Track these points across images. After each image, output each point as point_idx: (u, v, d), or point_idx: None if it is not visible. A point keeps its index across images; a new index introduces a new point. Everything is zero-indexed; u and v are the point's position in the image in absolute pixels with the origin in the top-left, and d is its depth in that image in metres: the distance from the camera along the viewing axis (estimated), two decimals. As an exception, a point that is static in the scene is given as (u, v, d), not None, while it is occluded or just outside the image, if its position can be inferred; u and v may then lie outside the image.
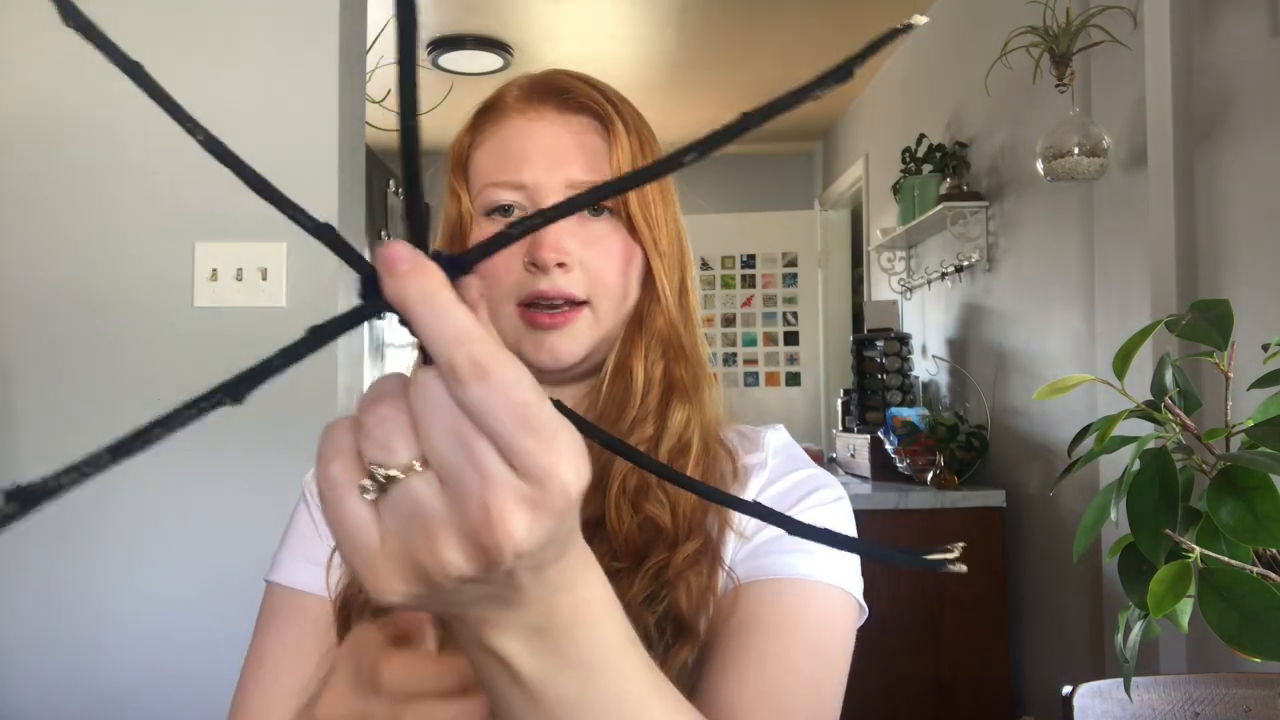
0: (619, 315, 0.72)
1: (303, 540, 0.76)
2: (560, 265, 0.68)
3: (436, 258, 0.29)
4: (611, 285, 0.71)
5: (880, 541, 0.33)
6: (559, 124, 0.72)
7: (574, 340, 0.70)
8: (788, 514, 0.66)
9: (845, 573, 0.67)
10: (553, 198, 0.70)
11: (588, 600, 0.36)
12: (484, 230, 0.71)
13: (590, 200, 0.30)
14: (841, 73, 0.29)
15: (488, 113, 0.75)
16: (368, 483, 0.29)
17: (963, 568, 0.30)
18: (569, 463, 0.29)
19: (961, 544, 0.30)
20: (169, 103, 0.30)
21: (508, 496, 0.28)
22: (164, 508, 1.61)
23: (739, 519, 0.70)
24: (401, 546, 0.30)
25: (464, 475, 0.28)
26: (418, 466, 0.29)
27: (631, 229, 0.72)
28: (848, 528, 0.72)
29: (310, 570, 0.74)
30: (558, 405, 0.30)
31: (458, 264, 0.30)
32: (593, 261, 0.70)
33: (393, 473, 0.29)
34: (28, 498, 0.28)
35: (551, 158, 0.70)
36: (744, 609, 0.65)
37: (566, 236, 0.69)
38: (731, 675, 0.60)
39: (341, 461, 0.30)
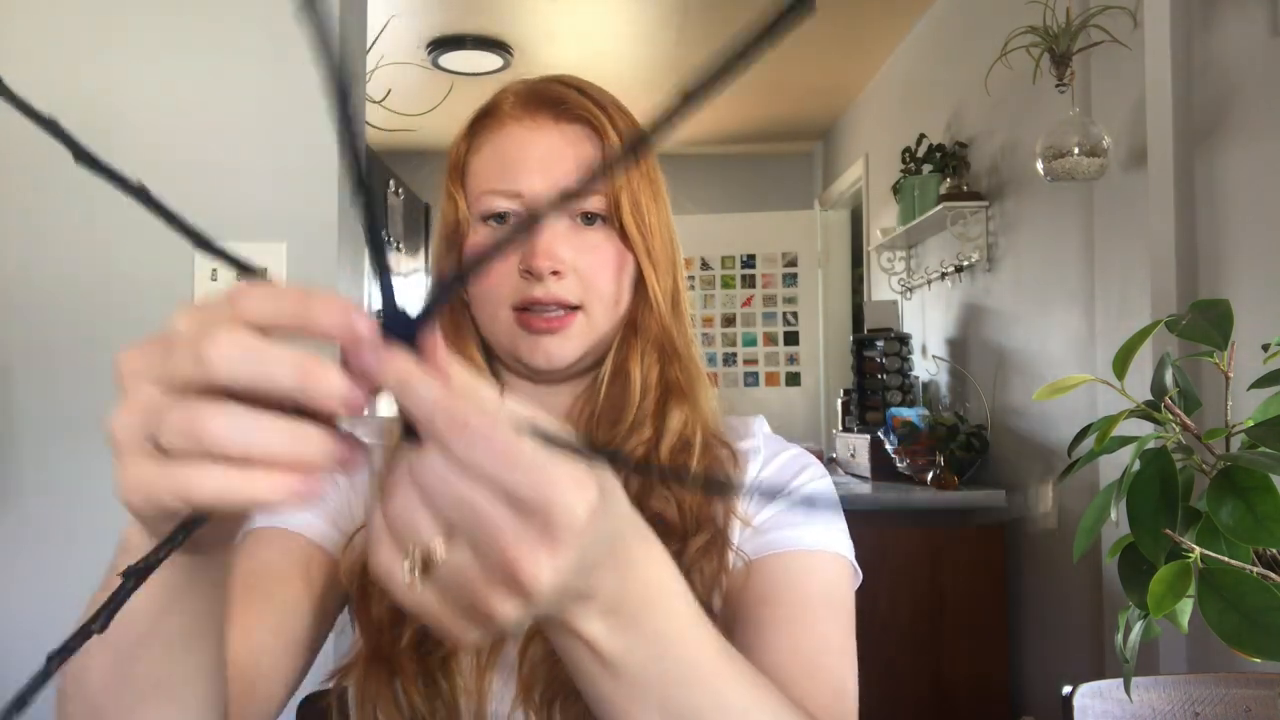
0: (612, 319, 0.74)
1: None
2: (555, 273, 0.70)
3: (393, 320, 0.31)
4: (604, 291, 0.73)
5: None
6: (555, 134, 0.73)
7: (567, 343, 0.72)
8: (786, 486, 0.76)
9: (839, 540, 0.74)
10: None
11: (651, 580, 0.40)
12: (479, 235, 0.73)
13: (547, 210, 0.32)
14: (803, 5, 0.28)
15: (484, 119, 0.76)
16: (409, 564, 0.32)
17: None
18: (568, 488, 0.31)
19: None
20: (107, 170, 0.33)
21: (522, 541, 0.31)
22: (164, 508, 1.61)
23: (744, 508, 0.74)
24: (458, 606, 0.33)
25: (480, 534, 0.31)
26: (440, 544, 0.32)
27: (624, 236, 0.73)
28: (834, 500, 0.79)
29: (304, 516, 0.70)
30: (544, 433, 0.32)
31: (415, 323, 0.31)
32: (586, 268, 0.72)
33: (429, 555, 0.32)
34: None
35: (548, 168, 0.72)
36: (758, 583, 0.69)
37: (560, 243, 0.71)
38: (768, 647, 0.65)
39: (385, 549, 0.33)
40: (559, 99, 0.74)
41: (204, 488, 0.30)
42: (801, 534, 0.71)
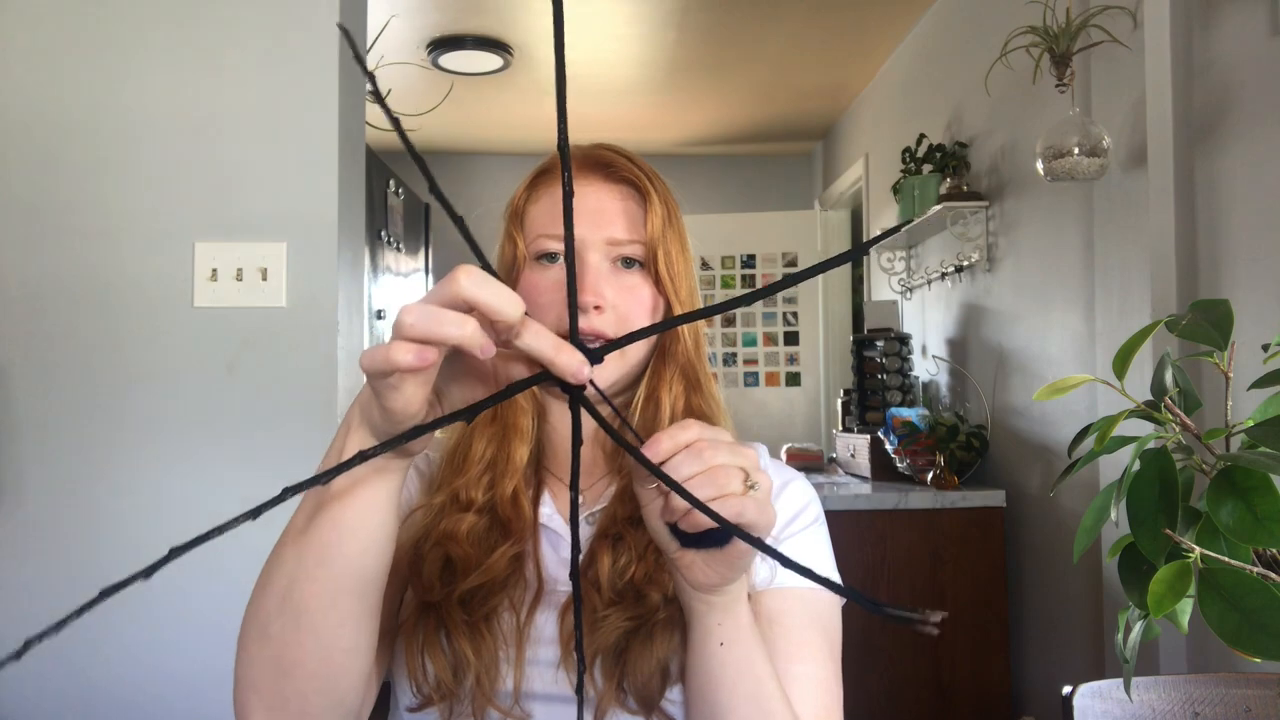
0: (641, 352, 0.84)
1: None
2: (597, 308, 0.80)
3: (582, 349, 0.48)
4: (637, 328, 0.82)
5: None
6: (604, 190, 0.84)
7: (603, 369, 0.81)
8: (794, 520, 0.90)
9: (830, 568, 0.87)
10: (595, 251, 0.82)
11: (743, 593, 0.67)
12: (533, 271, 0.84)
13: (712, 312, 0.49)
14: (858, 253, 0.42)
15: (543, 175, 0.88)
16: (744, 484, 0.56)
17: (934, 630, 0.37)
18: (756, 459, 0.58)
19: (944, 613, 0.38)
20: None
21: (757, 471, 0.58)
22: (163, 506, 1.61)
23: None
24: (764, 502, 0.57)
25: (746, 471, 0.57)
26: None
27: (657, 280, 0.84)
28: (824, 535, 0.90)
29: None
30: (608, 422, 0.47)
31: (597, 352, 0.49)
32: (624, 306, 0.82)
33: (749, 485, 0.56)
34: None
35: (597, 218, 0.83)
36: (767, 620, 0.80)
37: (604, 284, 0.82)
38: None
39: (729, 477, 0.56)
40: (609, 162, 0.85)
41: (446, 329, 0.46)
42: (789, 573, 0.81)
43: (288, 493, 0.39)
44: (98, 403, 1.62)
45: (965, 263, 2.89)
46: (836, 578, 0.85)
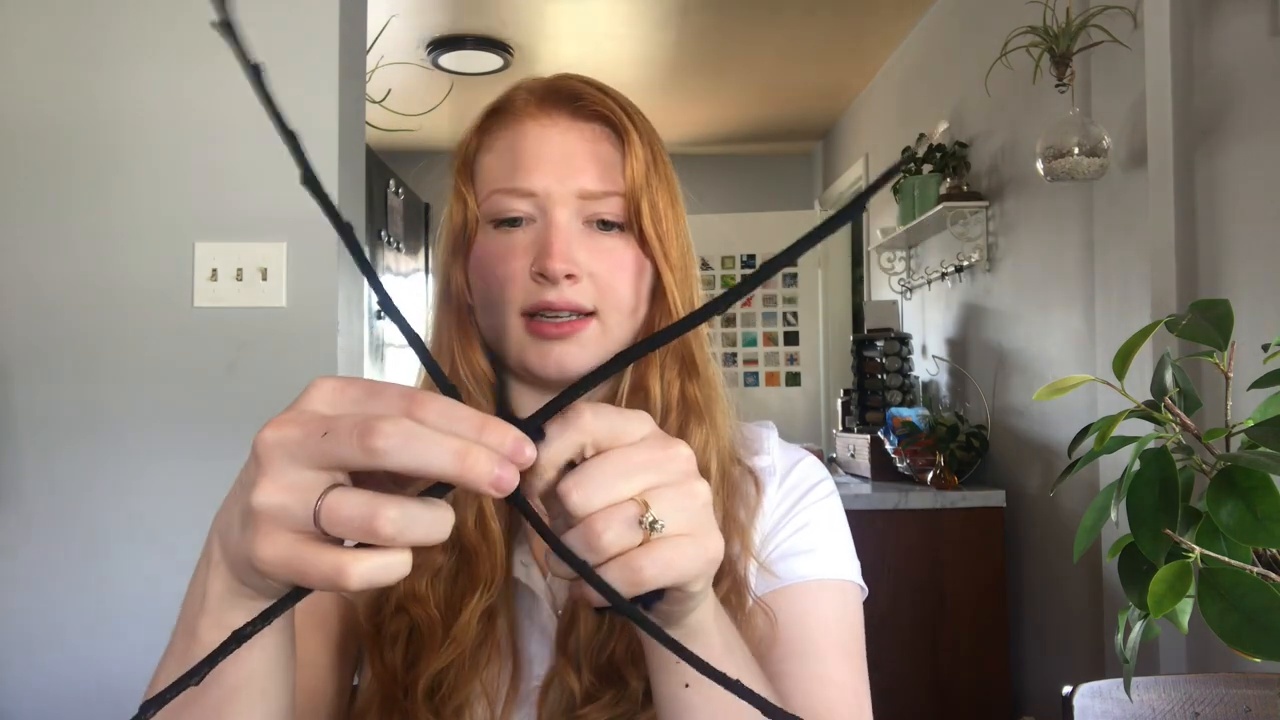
0: (628, 328, 0.70)
1: None
2: (569, 276, 0.66)
3: (518, 424, 0.36)
4: (621, 297, 0.69)
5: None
6: (572, 131, 0.69)
7: (581, 351, 0.68)
8: (799, 504, 0.78)
9: (845, 563, 0.73)
10: (563, 207, 0.68)
11: (715, 610, 0.50)
12: (489, 239, 0.69)
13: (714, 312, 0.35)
14: (855, 209, 0.32)
15: (497, 115, 0.72)
16: (646, 522, 0.39)
17: None
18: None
19: None
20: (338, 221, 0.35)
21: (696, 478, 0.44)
22: (164, 508, 1.61)
23: (758, 546, 0.72)
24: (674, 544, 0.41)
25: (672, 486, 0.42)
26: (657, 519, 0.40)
27: (642, 242, 0.70)
28: (840, 519, 0.76)
29: None
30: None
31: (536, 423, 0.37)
32: (602, 273, 0.68)
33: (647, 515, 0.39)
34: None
35: (564, 166, 0.68)
36: (766, 622, 0.68)
37: (575, 247, 0.67)
38: (782, 698, 0.63)
39: (617, 525, 0.40)
40: (575, 94, 0.70)
41: (358, 571, 0.32)
42: (808, 564, 0.71)
43: (148, 709, 0.29)
44: (98, 403, 1.62)
45: (965, 263, 2.89)
46: (853, 558, 0.74)
